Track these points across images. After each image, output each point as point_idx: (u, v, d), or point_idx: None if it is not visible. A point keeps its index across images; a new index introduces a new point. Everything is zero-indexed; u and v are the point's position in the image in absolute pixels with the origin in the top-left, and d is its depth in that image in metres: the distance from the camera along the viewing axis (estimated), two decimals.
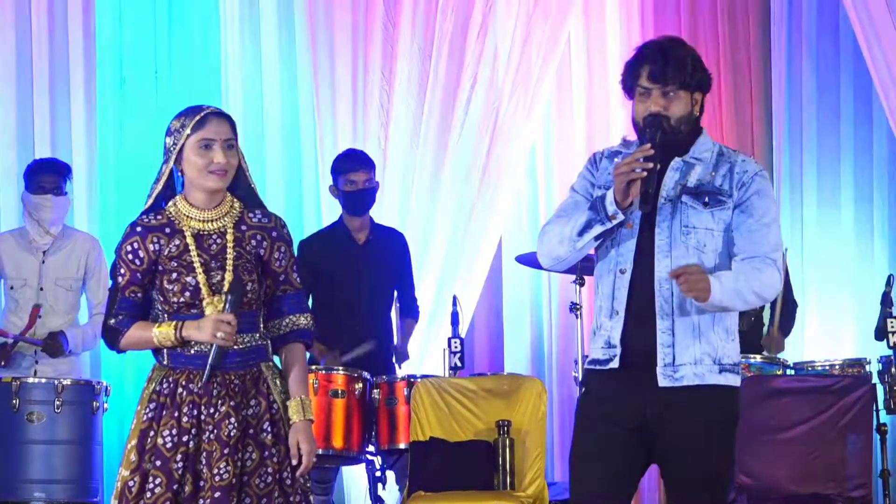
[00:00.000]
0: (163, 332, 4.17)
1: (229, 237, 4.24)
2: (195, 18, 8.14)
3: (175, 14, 8.13)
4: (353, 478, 7.32)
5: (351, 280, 6.78)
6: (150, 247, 4.20)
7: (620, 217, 4.01)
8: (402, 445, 6.44)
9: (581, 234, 4.06)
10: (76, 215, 7.69)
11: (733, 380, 4.10)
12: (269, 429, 4.21)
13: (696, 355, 4.03)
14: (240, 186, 4.33)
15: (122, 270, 4.22)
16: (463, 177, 7.89)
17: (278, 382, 4.28)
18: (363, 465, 6.70)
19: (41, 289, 6.81)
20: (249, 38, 8.12)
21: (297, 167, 8.09)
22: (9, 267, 6.83)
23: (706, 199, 4.07)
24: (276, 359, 4.38)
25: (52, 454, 6.32)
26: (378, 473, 6.57)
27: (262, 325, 4.29)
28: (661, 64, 4.06)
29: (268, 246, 4.28)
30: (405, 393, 6.46)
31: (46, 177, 6.84)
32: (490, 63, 7.97)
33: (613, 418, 4.07)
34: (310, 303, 6.79)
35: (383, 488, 6.61)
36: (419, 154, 7.90)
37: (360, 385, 6.45)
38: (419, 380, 6.48)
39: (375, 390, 6.51)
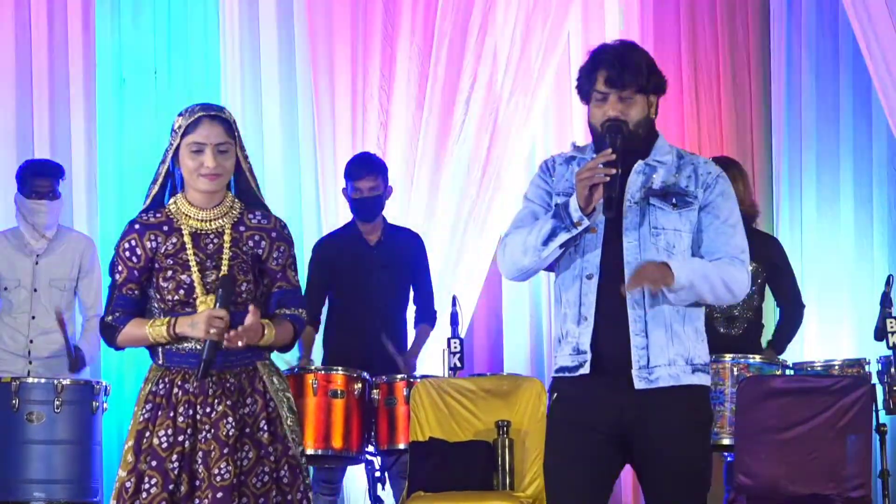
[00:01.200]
0: (156, 330, 4.19)
1: (226, 237, 4.26)
2: (195, 18, 8.15)
3: (174, 14, 8.13)
4: (353, 478, 7.32)
5: (362, 281, 6.79)
6: (148, 244, 4.22)
7: (586, 223, 4.00)
8: (401, 446, 6.44)
9: (546, 242, 4.04)
10: (76, 215, 7.69)
11: (705, 379, 4.11)
12: (265, 427, 4.23)
13: (669, 356, 4.04)
14: (241, 186, 4.34)
15: (120, 268, 4.24)
16: (462, 177, 7.89)
17: (275, 380, 4.30)
18: (363, 466, 6.70)
19: (35, 290, 6.81)
20: (249, 38, 8.12)
21: (297, 167, 8.09)
22: (2, 268, 6.82)
23: (674, 201, 4.08)
24: (272, 356, 4.39)
25: (52, 454, 6.32)
26: (377, 474, 6.57)
27: None
28: (617, 69, 4.05)
29: (266, 246, 4.30)
30: (404, 393, 6.46)
31: (41, 181, 6.83)
32: (490, 63, 7.97)
33: (588, 423, 4.06)
34: (325, 304, 6.88)
35: (383, 488, 6.62)
36: (419, 154, 7.90)
37: (360, 385, 6.45)
38: (418, 380, 6.48)
39: (375, 390, 6.51)
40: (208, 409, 4.17)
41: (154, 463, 4.13)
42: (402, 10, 7.98)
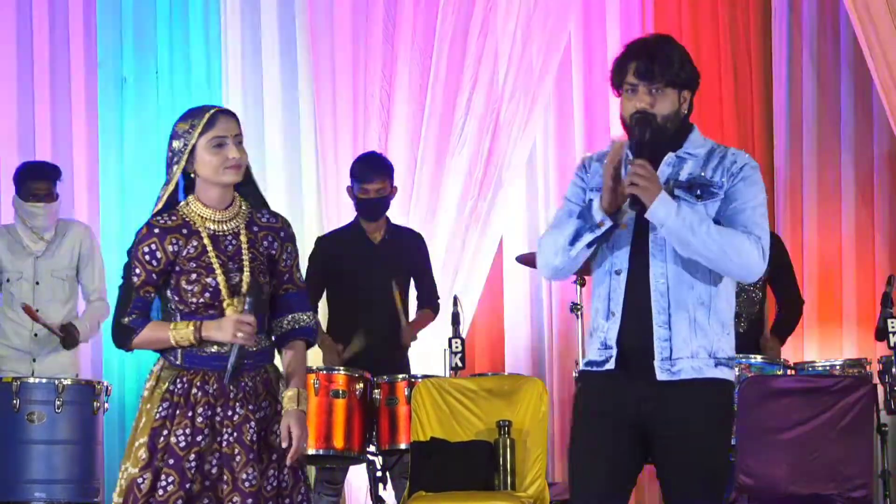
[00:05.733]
0: (180, 333, 4.19)
1: (243, 238, 4.27)
2: (195, 18, 8.14)
3: (175, 14, 8.13)
4: (355, 478, 7.32)
5: (365, 279, 6.79)
6: (169, 248, 4.22)
7: (608, 224, 4.01)
8: (402, 445, 6.44)
9: (572, 243, 4.06)
10: (77, 215, 7.69)
11: (728, 373, 4.10)
12: (278, 431, 4.25)
13: (692, 349, 4.04)
14: (246, 184, 4.35)
15: (138, 270, 4.22)
16: (463, 177, 7.89)
17: (280, 383, 4.32)
18: (364, 466, 6.70)
19: (37, 283, 6.81)
20: (250, 38, 8.12)
21: (297, 167, 8.09)
22: (3, 261, 6.82)
23: (698, 192, 4.08)
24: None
25: (53, 454, 6.33)
26: (379, 474, 6.57)
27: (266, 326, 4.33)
28: (647, 61, 4.05)
29: (278, 246, 4.33)
30: (406, 393, 6.46)
31: (38, 183, 6.82)
32: (490, 63, 7.97)
33: (611, 416, 4.08)
34: (323, 299, 6.89)
35: (384, 488, 6.62)
36: (420, 154, 7.90)
37: (361, 385, 6.45)
38: (420, 380, 6.48)
39: (376, 390, 6.51)
40: (229, 413, 4.19)
41: (171, 461, 4.13)
42: (403, 10, 7.98)
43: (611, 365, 4.06)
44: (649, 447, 4.10)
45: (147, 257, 4.22)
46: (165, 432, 4.15)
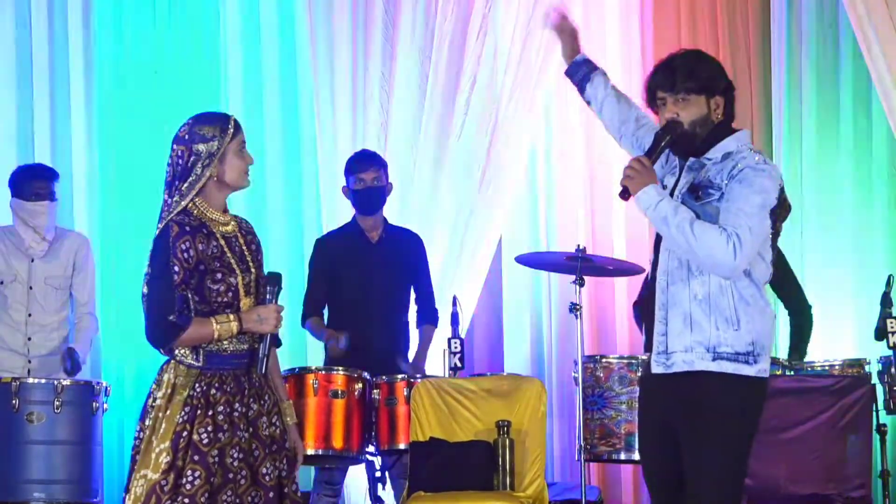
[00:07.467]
0: (224, 327, 4.28)
1: (241, 240, 4.42)
2: (195, 18, 8.14)
3: (175, 14, 8.13)
4: (353, 478, 7.32)
5: (364, 278, 6.79)
6: (200, 247, 4.32)
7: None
8: (401, 446, 6.44)
9: None
10: (76, 215, 7.69)
11: (731, 367, 4.19)
12: (277, 423, 4.41)
13: (686, 343, 4.20)
14: None
15: (177, 269, 4.29)
16: (463, 177, 7.89)
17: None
18: (363, 466, 6.70)
19: (30, 287, 6.81)
20: (249, 38, 8.12)
21: (297, 167, 8.09)
22: (1, 263, 6.82)
23: (699, 193, 4.27)
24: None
25: (52, 454, 6.33)
26: (378, 474, 6.57)
27: None
28: (667, 73, 4.33)
29: (257, 248, 4.49)
30: (405, 393, 6.46)
31: (40, 183, 6.83)
32: (490, 63, 7.97)
33: (644, 410, 4.44)
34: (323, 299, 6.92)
35: (383, 488, 6.61)
36: (419, 154, 7.90)
37: (360, 385, 6.45)
38: (419, 380, 6.48)
39: (375, 390, 6.51)
40: (244, 409, 4.32)
41: (196, 458, 4.23)
42: (402, 9, 7.98)
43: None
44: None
45: (185, 255, 4.30)
46: (186, 433, 4.24)
